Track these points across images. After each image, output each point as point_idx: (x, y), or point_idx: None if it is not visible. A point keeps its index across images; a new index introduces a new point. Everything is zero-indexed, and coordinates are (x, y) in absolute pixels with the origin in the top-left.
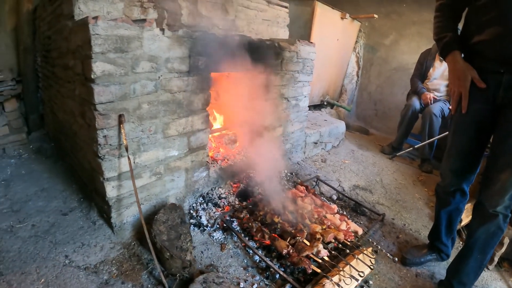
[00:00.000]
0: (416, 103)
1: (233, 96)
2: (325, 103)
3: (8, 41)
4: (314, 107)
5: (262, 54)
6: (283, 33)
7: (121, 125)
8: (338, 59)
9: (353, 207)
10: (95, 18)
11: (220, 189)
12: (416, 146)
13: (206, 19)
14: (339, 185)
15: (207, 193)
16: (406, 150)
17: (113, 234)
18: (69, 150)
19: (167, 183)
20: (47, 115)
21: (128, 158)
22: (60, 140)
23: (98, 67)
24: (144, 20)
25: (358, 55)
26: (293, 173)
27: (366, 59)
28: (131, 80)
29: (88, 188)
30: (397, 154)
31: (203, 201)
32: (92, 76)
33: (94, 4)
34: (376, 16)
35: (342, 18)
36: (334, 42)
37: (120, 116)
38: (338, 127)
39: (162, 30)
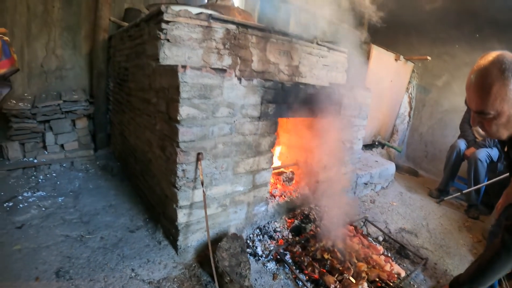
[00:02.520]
0: (461, 144)
1: (293, 137)
2: (376, 143)
3: (83, 64)
4: (366, 146)
5: (323, 100)
6: (341, 78)
7: (199, 162)
8: (391, 100)
9: (397, 250)
10: (184, 67)
11: (275, 223)
12: (463, 192)
13: (274, 65)
14: (386, 226)
15: (264, 226)
16: (454, 195)
17: (176, 255)
18: (138, 173)
19: (231, 214)
20: (115, 136)
21: (203, 191)
22: (127, 162)
23: (184, 110)
24: (224, 71)
25: (410, 95)
26: (344, 213)
27: (418, 99)
28: (210, 123)
29: (155, 210)
30: (445, 198)
31: (259, 233)
32: (178, 118)
33: (177, 49)
34: (429, 58)
35: (396, 60)
36: (387, 83)
37: (198, 154)
38: (388, 168)
39: (239, 79)
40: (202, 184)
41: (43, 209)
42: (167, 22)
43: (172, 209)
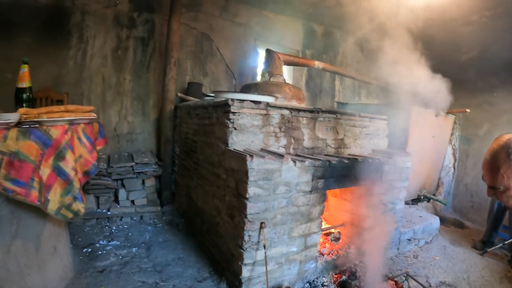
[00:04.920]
0: None
1: (340, 201)
2: (422, 197)
3: (151, 130)
4: (412, 200)
5: (365, 171)
6: (383, 143)
7: (262, 229)
8: (434, 154)
9: None
10: (251, 156)
11: (323, 278)
12: (506, 242)
13: (322, 140)
14: (427, 280)
15: (313, 281)
16: (497, 246)
17: None
18: (204, 232)
19: (285, 270)
20: (180, 196)
21: (265, 252)
22: (193, 220)
23: (251, 190)
24: (282, 156)
25: (454, 147)
26: (386, 268)
27: (462, 150)
28: (271, 199)
29: (219, 265)
30: (488, 249)
31: (309, 287)
32: (246, 196)
33: (242, 135)
34: (468, 110)
35: (436, 116)
36: (430, 139)
37: (261, 223)
38: (432, 223)
39: (294, 162)
40: (264, 247)
41: (120, 257)
42: (234, 113)
43: (238, 265)
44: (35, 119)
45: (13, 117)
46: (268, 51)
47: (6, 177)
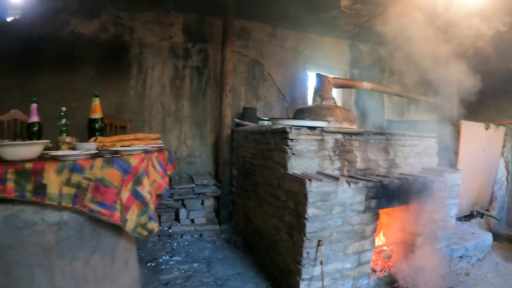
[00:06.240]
0: None
1: (392, 219)
2: (475, 213)
3: (209, 153)
4: (465, 217)
5: (416, 189)
6: (432, 161)
7: (319, 247)
8: (486, 168)
9: None
10: (310, 180)
11: None
12: None
13: (373, 161)
14: None
15: None
16: None
17: None
18: (263, 249)
19: (339, 286)
20: (238, 215)
21: (322, 268)
22: (251, 238)
23: (310, 211)
24: (337, 179)
25: (506, 159)
26: (437, 285)
27: None
28: (328, 219)
29: (276, 280)
30: None
31: None
32: (306, 216)
33: (300, 160)
34: None
35: (486, 129)
36: (481, 152)
37: (319, 241)
38: (485, 240)
39: (349, 184)
40: (321, 263)
41: (183, 271)
42: (291, 139)
43: (295, 280)
44: (113, 149)
45: (92, 146)
46: (318, 76)
47: (92, 200)
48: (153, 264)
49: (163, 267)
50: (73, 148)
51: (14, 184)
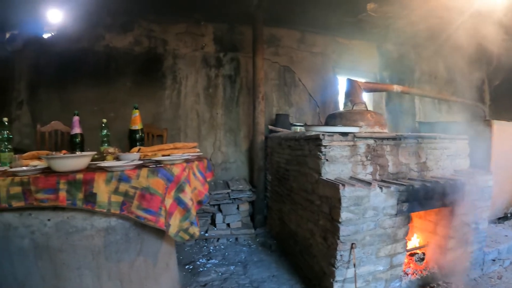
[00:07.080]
0: None
1: (424, 222)
2: (509, 215)
3: (243, 159)
4: (498, 219)
5: (448, 191)
6: (464, 163)
7: (352, 250)
8: None
9: None
10: (343, 185)
11: None
12: None
13: (405, 165)
14: None
15: None
16: None
17: None
18: (297, 252)
19: None
20: (273, 219)
21: (355, 271)
22: (285, 242)
23: (344, 215)
24: (370, 183)
25: None
26: None
27: None
28: (361, 222)
29: (311, 282)
30: None
31: None
32: (339, 220)
33: (333, 166)
34: None
35: None
36: None
37: (352, 244)
38: None
39: (381, 188)
40: (354, 265)
41: (220, 273)
42: (325, 146)
43: (329, 282)
44: (156, 158)
45: (136, 156)
46: (349, 81)
47: (139, 207)
48: (191, 267)
49: (201, 269)
50: (117, 158)
51: (66, 194)
